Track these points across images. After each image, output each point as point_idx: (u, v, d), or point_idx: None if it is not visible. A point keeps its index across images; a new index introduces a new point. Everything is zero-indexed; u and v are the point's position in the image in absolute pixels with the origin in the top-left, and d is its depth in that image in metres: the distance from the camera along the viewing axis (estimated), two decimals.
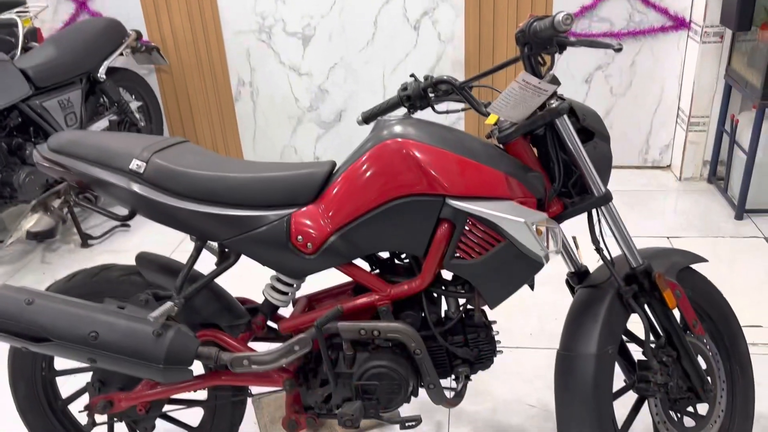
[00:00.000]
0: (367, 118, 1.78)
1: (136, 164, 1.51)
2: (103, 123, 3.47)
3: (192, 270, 1.60)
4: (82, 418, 1.88)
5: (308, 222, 1.51)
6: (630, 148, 3.85)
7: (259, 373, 1.60)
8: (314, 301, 1.77)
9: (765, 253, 2.92)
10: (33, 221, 1.57)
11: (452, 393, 1.65)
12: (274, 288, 1.65)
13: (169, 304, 1.51)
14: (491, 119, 1.56)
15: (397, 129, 1.49)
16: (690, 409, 1.67)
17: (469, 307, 1.63)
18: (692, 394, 1.63)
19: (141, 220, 1.42)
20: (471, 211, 1.44)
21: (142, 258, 1.68)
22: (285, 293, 1.65)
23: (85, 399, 1.84)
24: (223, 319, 1.66)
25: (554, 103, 1.48)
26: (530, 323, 2.49)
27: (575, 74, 3.72)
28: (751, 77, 3.04)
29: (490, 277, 1.51)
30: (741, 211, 3.17)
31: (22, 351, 1.75)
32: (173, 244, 3.28)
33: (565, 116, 1.48)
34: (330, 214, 1.51)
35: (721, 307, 1.75)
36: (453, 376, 1.64)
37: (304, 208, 1.53)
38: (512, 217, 1.40)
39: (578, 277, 1.70)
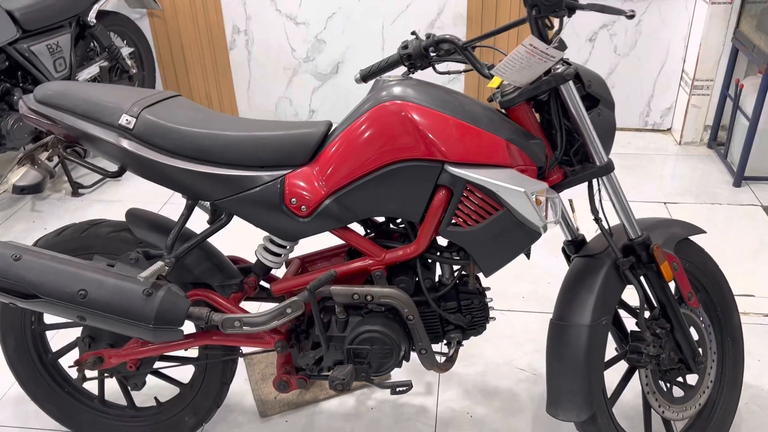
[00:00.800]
0: (365, 76, 1.73)
1: (125, 119, 1.46)
2: (93, 69, 3.38)
3: (184, 229, 1.57)
4: (73, 373, 1.88)
5: (303, 184, 1.48)
6: (631, 110, 3.79)
7: (251, 334, 1.59)
8: (307, 263, 1.75)
9: (761, 221, 2.91)
10: (19, 174, 1.53)
11: (443, 358, 1.66)
12: (266, 249, 1.62)
13: (159, 263, 1.49)
14: (494, 82, 1.51)
15: (397, 90, 1.44)
16: (679, 379, 1.68)
17: (463, 273, 1.61)
18: (683, 365, 1.63)
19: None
20: (469, 179, 1.40)
21: (133, 215, 1.65)
22: (278, 254, 1.62)
23: (75, 354, 1.84)
24: (215, 278, 1.64)
25: (560, 69, 1.42)
26: (522, 287, 2.49)
27: (579, 33, 3.63)
28: (760, 41, 2.97)
29: (487, 246, 1.49)
30: (740, 178, 3.15)
31: (7, 305, 1.73)
32: (165, 196, 3.24)
33: (571, 82, 1.43)
34: (325, 176, 1.47)
35: (716, 279, 1.74)
36: (444, 342, 1.64)
37: (298, 170, 1.49)
38: (512, 186, 1.37)
39: (575, 245, 1.69)
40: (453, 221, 1.47)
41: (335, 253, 1.75)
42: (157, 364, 1.75)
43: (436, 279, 1.62)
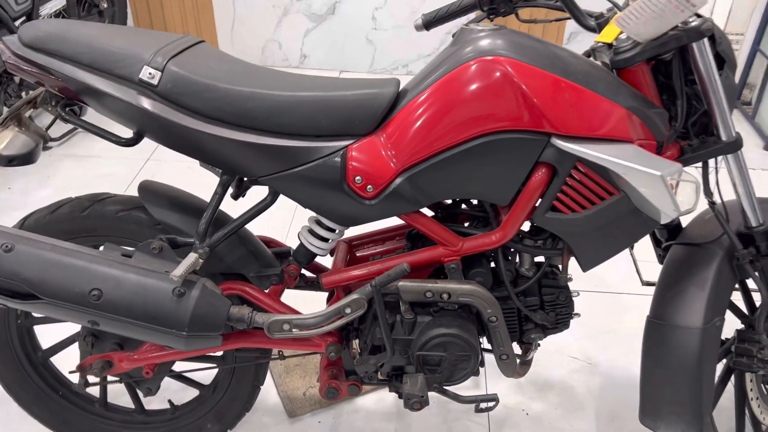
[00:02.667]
0: (428, 23, 1.44)
1: (148, 73, 1.13)
2: (59, 2, 2.94)
3: (217, 211, 1.27)
4: (71, 375, 1.58)
5: (369, 159, 1.19)
6: None
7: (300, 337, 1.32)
8: (355, 247, 1.48)
9: None
10: (5, 141, 1.19)
11: (518, 360, 1.43)
12: (312, 233, 1.34)
13: (193, 255, 1.19)
14: (606, 35, 1.23)
15: (494, 42, 1.15)
16: None
17: (549, 264, 1.36)
18: None
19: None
20: (585, 156, 1.14)
21: (147, 189, 1.33)
22: (326, 239, 1.34)
23: (71, 351, 1.54)
24: (250, 268, 1.35)
25: (695, 21, 1.15)
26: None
27: None
28: None
29: (591, 236, 1.24)
30: None
31: None
32: (148, 150, 2.88)
33: (706, 39, 1.16)
34: (397, 149, 1.18)
35: None
36: (520, 342, 1.41)
37: (363, 140, 1.19)
38: (645, 169, 1.11)
39: (668, 231, 1.46)
40: (553, 206, 1.21)
41: (389, 237, 1.48)
42: (177, 366, 1.47)
43: (514, 271, 1.37)
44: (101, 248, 1.27)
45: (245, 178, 1.30)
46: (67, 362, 1.60)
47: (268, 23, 3.59)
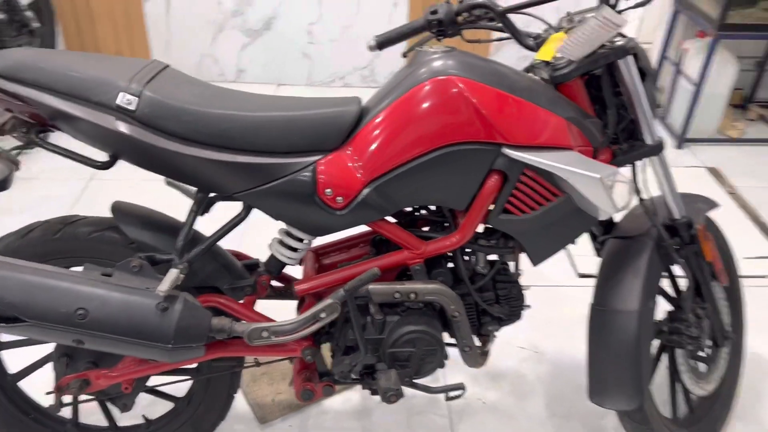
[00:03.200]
0: (382, 43, 1.53)
1: (125, 99, 1.18)
2: None
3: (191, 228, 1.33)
4: (37, 396, 1.59)
5: (338, 172, 1.28)
6: None
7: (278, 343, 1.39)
8: (321, 255, 1.56)
9: (706, 182, 3.02)
10: None
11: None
12: (283, 244, 1.41)
13: (174, 271, 1.25)
14: (545, 53, 1.37)
15: (448, 63, 1.27)
16: (701, 354, 1.68)
17: (500, 262, 1.49)
18: (713, 342, 1.63)
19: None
20: (532, 163, 1.27)
21: (121, 210, 1.37)
22: (296, 249, 1.42)
23: (40, 374, 1.55)
24: (224, 280, 1.41)
25: (620, 41, 1.31)
26: None
27: None
28: (706, 5, 3.03)
29: (539, 234, 1.37)
30: (682, 139, 3.25)
31: None
32: (84, 171, 2.85)
33: (631, 56, 1.32)
34: (364, 162, 1.28)
35: (729, 253, 1.75)
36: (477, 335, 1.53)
37: (330, 155, 1.29)
38: (586, 172, 1.25)
39: (604, 226, 1.61)
40: (505, 209, 1.34)
41: (353, 244, 1.57)
42: (152, 381, 1.51)
43: (471, 270, 1.49)
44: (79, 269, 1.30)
45: (214, 195, 1.36)
46: (34, 386, 1.60)
47: (203, 39, 3.61)
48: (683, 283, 1.58)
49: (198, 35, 3.60)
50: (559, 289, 2.31)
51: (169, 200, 1.56)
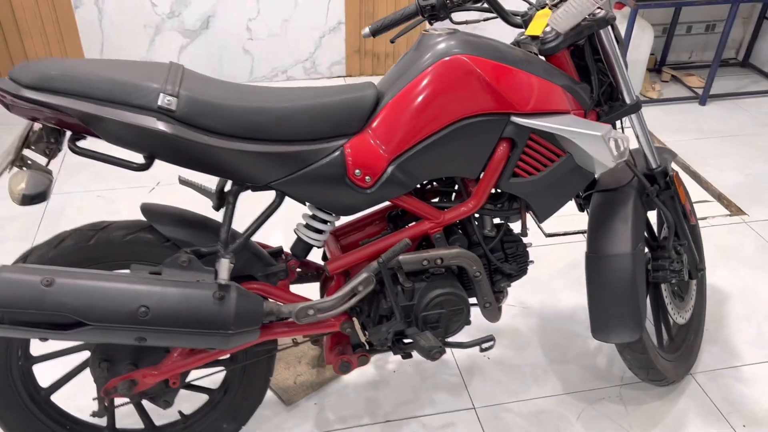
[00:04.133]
0: (376, 31, 1.62)
1: (166, 100, 1.22)
2: None
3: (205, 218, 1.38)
4: (68, 406, 1.60)
5: (364, 153, 1.37)
6: None
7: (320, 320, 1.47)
8: (340, 236, 1.65)
9: None
10: (23, 182, 1.21)
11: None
12: (309, 227, 1.49)
13: (225, 261, 1.30)
14: (535, 29, 1.51)
15: (455, 44, 1.38)
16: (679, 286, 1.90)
17: (505, 222, 1.63)
18: (689, 275, 1.84)
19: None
20: (540, 128, 1.41)
21: (152, 211, 1.41)
22: (321, 231, 1.50)
23: (72, 386, 1.56)
24: (257, 268, 1.47)
25: (601, 12, 1.47)
26: None
27: None
28: None
29: (545, 193, 1.52)
30: None
31: None
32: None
33: (610, 26, 1.48)
34: (386, 141, 1.38)
35: (688, 194, 1.96)
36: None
37: (355, 138, 1.38)
38: (590, 131, 1.40)
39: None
40: (514, 172, 1.47)
41: (367, 223, 1.67)
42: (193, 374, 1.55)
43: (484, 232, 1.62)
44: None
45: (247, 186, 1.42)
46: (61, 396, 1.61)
47: (139, 43, 3.55)
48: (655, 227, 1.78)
49: (134, 39, 3.53)
50: (532, 250, 2.49)
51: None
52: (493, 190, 1.54)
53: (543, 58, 1.51)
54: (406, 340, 1.60)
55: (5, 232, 2.50)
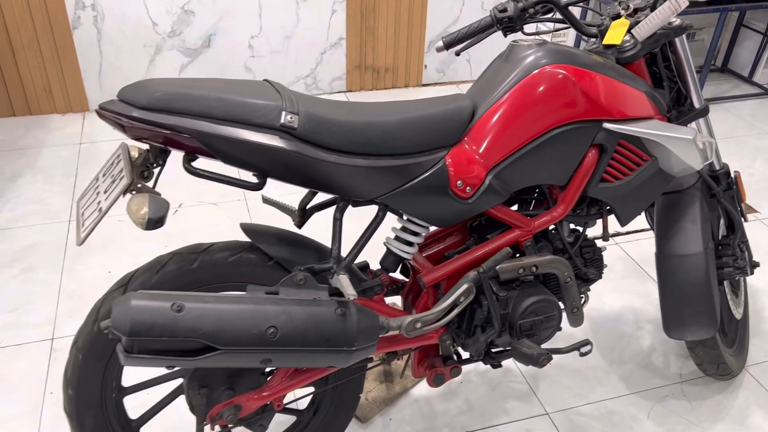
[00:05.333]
0: (450, 43, 1.64)
1: (288, 118, 1.20)
2: None
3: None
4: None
5: (464, 164, 1.38)
6: None
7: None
8: (422, 247, 1.65)
9: None
10: (145, 205, 1.16)
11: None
12: (400, 239, 1.49)
13: (345, 276, 1.29)
14: (612, 38, 1.55)
15: (549, 54, 1.41)
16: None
17: (584, 228, 1.66)
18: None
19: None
20: (632, 133, 1.45)
21: (254, 231, 1.38)
22: (412, 244, 1.50)
23: (163, 417, 1.50)
24: (354, 283, 1.46)
25: (676, 21, 1.52)
26: None
27: None
28: None
29: (630, 197, 1.56)
30: None
31: (88, 375, 1.35)
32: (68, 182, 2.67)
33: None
34: (484, 151, 1.39)
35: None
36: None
37: (454, 149, 1.39)
38: (681, 135, 1.45)
39: None
40: (602, 178, 1.51)
41: (447, 234, 1.67)
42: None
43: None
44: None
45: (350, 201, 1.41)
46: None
47: (139, 63, 3.47)
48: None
49: (134, 60, 3.45)
50: None
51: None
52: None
53: (620, 65, 1.56)
54: (495, 350, 1.60)
55: (33, 258, 2.40)
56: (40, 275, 2.33)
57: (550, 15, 1.62)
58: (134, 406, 1.78)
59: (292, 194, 2.80)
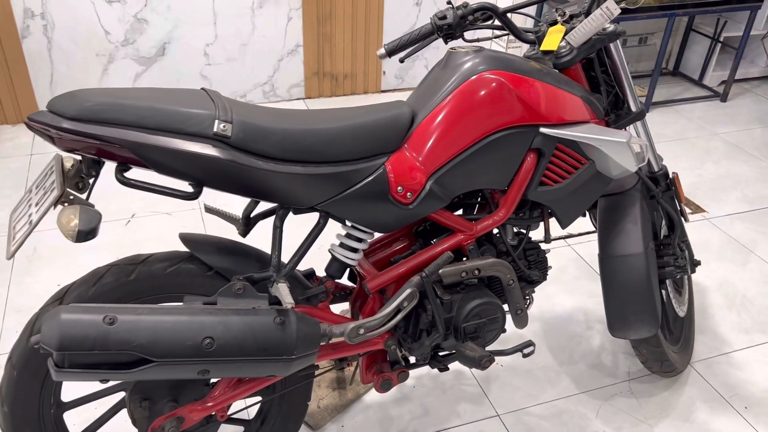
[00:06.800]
0: (391, 51, 1.66)
1: (221, 126, 1.20)
2: None
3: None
4: None
5: (404, 170, 1.39)
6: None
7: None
8: (368, 253, 1.65)
9: None
10: (76, 218, 1.14)
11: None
12: (344, 246, 1.49)
13: (284, 285, 1.29)
14: (549, 44, 1.58)
15: (485, 61, 1.43)
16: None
17: (524, 230, 1.68)
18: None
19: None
20: (568, 137, 1.47)
21: (193, 241, 1.37)
22: (356, 250, 1.51)
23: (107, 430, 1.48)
24: (298, 291, 1.46)
25: (611, 27, 1.56)
26: None
27: None
28: None
29: (569, 200, 1.58)
30: None
31: (24, 391, 1.32)
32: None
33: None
34: (424, 157, 1.41)
35: None
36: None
37: (394, 155, 1.40)
38: (615, 138, 1.48)
39: None
40: (541, 181, 1.53)
41: (393, 239, 1.68)
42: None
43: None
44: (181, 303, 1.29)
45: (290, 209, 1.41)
46: None
47: (92, 72, 3.43)
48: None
49: (86, 69, 3.40)
50: None
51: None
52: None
53: (557, 71, 1.59)
54: (441, 353, 1.62)
55: None
56: None
57: (489, 22, 1.64)
58: (76, 422, 1.76)
59: (241, 203, 2.78)
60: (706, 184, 3.16)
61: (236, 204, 2.79)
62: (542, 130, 1.47)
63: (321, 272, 1.62)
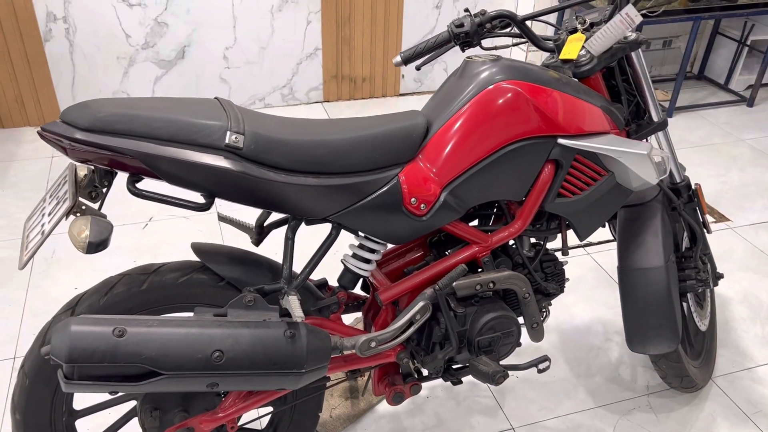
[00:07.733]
0: (408, 59, 1.63)
1: (233, 138, 1.19)
2: None
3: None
4: None
5: (418, 181, 1.37)
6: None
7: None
8: (381, 264, 1.63)
9: None
10: (87, 229, 1.15)
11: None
12: (357, 257, 1.48)
13: (294, 297, 1.27)
14: (568, 53, 1.55)
15: (502, 70, 1.41)
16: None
17: (542, 242, 1.65)
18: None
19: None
20: (586, 149, 1.44)
21: (205, 251, 1.36)
22: (369, 261, 1.49)
23: None
24: (309, 302, 1.45)
25: (632, 35, 1.52)
26: None
27: (428, 1, 3.77)
28: None
29: (587, 212, 1.55)
30: None
31: (36, 400, 1.32)
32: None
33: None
34: (438, 168, 1.38)
35: None
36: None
37: (408, 166, 1.38)
38: (636, 150, 1.45)
39: None
40: (558, 193, 1.50)
41: (407, 250, 1.66)
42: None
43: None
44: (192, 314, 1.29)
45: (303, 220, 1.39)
46: None
47: (113, 75, 3.45)
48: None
49: (107, 72, 3.43)
50: None
51: None
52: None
53: (577, 80, 1.56)
54: (455, 366, 1.59)
55: None
56: (5, 292, 2.30)
57: (507, 30, 1.61)
58: (90, 428, 1.76)
59: (254, 212, 2.78)
60: (730, 192, 3.09)
61: (250, 212, 2.79)
62: (560, 141, 1.44)
63: (333, 281, 1.60)
